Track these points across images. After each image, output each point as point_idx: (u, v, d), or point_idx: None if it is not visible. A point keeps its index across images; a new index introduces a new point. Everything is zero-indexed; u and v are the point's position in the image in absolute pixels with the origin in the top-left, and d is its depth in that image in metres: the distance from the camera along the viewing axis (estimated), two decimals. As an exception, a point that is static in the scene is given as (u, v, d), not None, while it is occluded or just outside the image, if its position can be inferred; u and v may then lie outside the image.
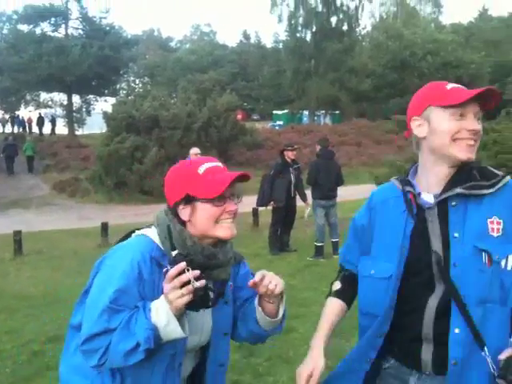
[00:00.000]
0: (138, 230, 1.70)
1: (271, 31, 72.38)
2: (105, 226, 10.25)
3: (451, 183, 1.58)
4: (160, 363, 1.56)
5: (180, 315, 1.45)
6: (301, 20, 39.81)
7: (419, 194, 1.62)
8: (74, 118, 38.10)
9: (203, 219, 1.60)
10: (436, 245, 1.55)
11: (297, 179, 8.34)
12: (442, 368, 1.52)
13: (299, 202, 8.61)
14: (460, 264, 1.50)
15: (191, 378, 1.75)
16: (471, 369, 1.47)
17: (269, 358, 4.31)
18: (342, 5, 40.11)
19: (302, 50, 39.68)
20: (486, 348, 1.45)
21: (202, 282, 1.42)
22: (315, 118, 43.06)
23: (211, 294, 1.48)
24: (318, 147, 8.22)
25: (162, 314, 1.43)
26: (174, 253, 1.50)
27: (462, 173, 1.58)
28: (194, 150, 8.20)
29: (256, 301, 1.71)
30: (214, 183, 1.58)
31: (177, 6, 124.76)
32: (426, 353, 1.56)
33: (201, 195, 1.58)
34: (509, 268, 1.47)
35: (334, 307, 1.81)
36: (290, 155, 8.25)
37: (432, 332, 1.54)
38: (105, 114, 19.92)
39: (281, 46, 50.43)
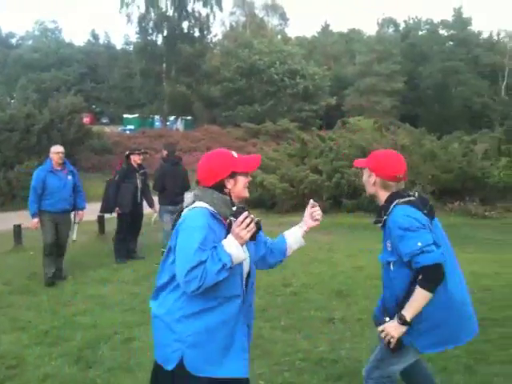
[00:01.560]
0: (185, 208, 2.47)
1: (121, 32, 70.12)
2: None
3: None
4: (235, 277, 2.39)
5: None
6: (151, 23, 39.32)
7: None
8: None
9: (241, 187, 2.49)
10: None
11: (143, 184, 8.16)
12: None
13: (146, 209, 8.45)
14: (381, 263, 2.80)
15: None
16: None
17: (109, 369, 4.16)
18: (193, 11, 40.44)
19: (153, 53, 39.20)
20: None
21: (259, 220, 2.35)
22: (167, 123, 42.68)
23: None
24: (165, 152, 8.14)
25: (233, 247, 2.26)
26: (234, 208, 2.41)
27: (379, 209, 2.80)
28: (57, 148, 6.97)
29: (301, 230, 2.78)
30: (250, 162, 2.54)
31: (19, 0, 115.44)
32: None
33: (242, 170, 2.48)
34: (391, 268, 2.67)
35: None
36: (136, 160, 8.04)
37: None
38: None
39: (131, 47, 49.32)
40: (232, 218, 2.32)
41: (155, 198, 8.21)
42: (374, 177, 2.78)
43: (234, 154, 2.51)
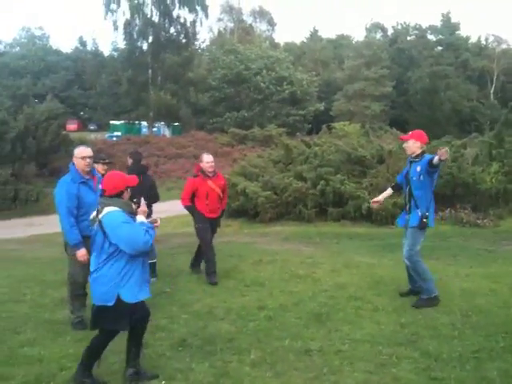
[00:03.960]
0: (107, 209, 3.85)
1: (109, 39, 69.76)
2: None
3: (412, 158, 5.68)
4: None
5: None
6: (137, 29, 38.68)
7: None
8: None
9: (127, 195, 4.01)
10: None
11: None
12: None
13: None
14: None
15: None
16: None
17: None
18: (178, 17, 39.90)
19: (138, 60, 38.64)
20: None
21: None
22: (155, 129, 42.18)
23: None
24: (130, 161, 7.50)
25: (143, 219, 3.94)
26: (134, 205, 4.03)
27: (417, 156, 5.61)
28: (82, 152, 5.96)
29: None
30: (134, 180, 4.08)
31: (4, 6, 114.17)
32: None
33: (130, 185, 4.03)
34: (421, 178, 5.53)
35: (388, 190, 6.21)
36: (99, 169, 7.43)
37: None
38: None
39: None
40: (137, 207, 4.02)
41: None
42: (420, 143, 5.53)
43: (125, 175, 4.10)
